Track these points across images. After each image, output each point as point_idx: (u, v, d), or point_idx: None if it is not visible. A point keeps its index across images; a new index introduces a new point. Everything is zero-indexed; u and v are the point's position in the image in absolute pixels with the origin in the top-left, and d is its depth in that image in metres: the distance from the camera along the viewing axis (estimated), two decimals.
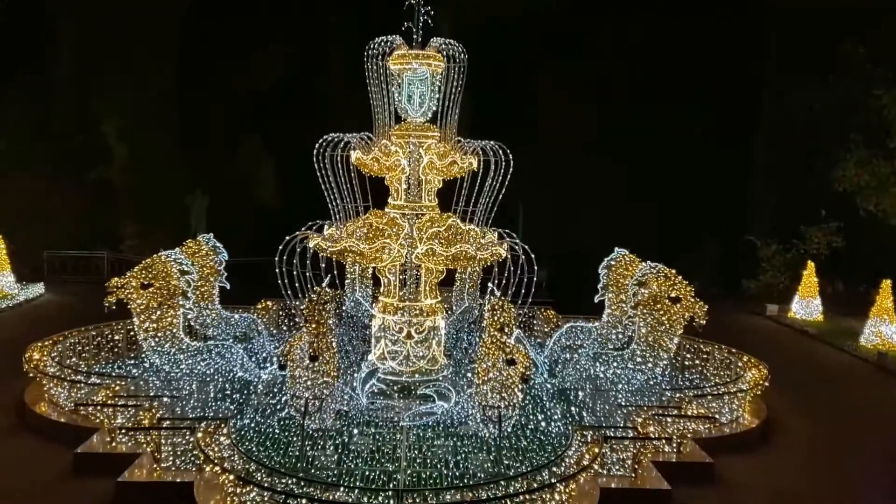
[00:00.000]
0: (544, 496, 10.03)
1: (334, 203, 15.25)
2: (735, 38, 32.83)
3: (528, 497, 9.86)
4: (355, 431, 12.65)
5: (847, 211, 29.85)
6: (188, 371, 15.19)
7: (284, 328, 20.16)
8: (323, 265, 14.10)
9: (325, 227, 15.31)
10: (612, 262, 17.47)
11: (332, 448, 12.00)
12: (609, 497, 10.94)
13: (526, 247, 14.34)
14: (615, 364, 16.00)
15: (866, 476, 12.97)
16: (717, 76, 32.59)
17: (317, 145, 14.69)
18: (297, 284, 14.21)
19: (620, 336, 17.43)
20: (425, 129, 14.92)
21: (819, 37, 30.26)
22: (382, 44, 14.75)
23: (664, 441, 12.44)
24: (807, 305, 26.70)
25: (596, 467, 11.31)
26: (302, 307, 13.12)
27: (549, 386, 15.59)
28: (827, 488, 12.41)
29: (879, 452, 14.08)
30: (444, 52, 14.80)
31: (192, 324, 17.59)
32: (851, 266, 31.84)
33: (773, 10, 33.07)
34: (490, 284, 13.40)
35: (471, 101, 16.51)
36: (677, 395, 14.80)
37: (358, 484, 10.64)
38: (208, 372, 15.23)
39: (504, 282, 14.33)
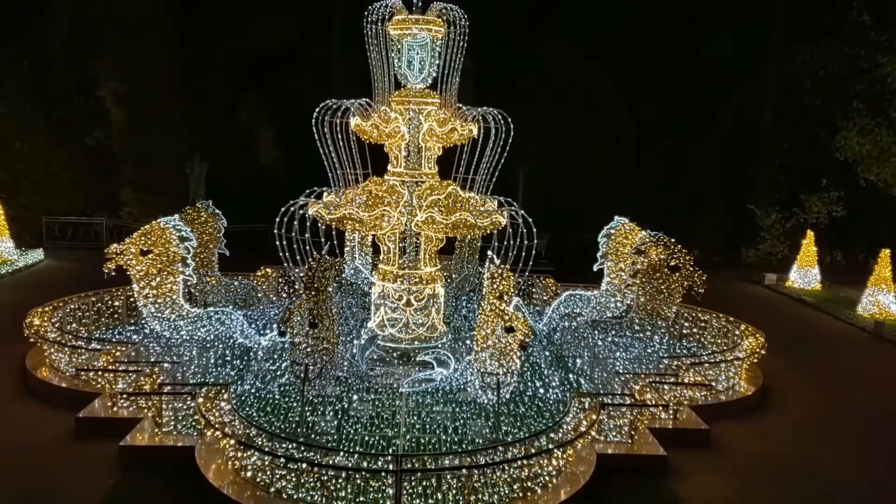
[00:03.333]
0: (542, 462, 10.15)
1: (334, 170, 15.17)
2: (740, 3, 32.37)
3: (525, 462, 9.97)
4: (355, 397, 12.75)
5: (848, 180, 29.77)
6: (188, 337, 15.26)
7: (284, 295, 20.21)
8: (322, 233, 14.07)
9: (325, 194, 15.25)
10: (612, 231, 17.43)
11: (331, 414, 12.10)
12: (606, 462, 11.07)
13: (525, 214, 14.31)
14: (613, 332, 16.08)
15: (861, 442, 13.11)
16: (721, 42, 32.24)
17: (316, 111, 14.55)
18: (296, 252, 14.20)
19: (619, 304, 17.48)
20: (425, 95, 14.78)
21: (825, 3, 29.89)
22: (382, 8, 14.54)
23: (661, 408, 12.55)
24: (805, 275, 26.75)
25: (593, 433, 11.43)
26: (301, 274, 13.13)
27: (547, 353, 15.68)
28: (822, 454, 12.56)
29: (875, 419, 14.22)
30: (445, 18, 14.59)
31: (192, 291, 17.63)
32: (851, 235, 31.86)
33: None
34: (490, 252, 13.39)
35: (472, 59, 16.31)
36: (675, 362, 14.88)
37: (357, 449, 10.75)
38: (208, 338, 15.31)
39: (503, 250, 14.33)
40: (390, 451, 10.81)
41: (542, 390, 13.42)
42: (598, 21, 33.11)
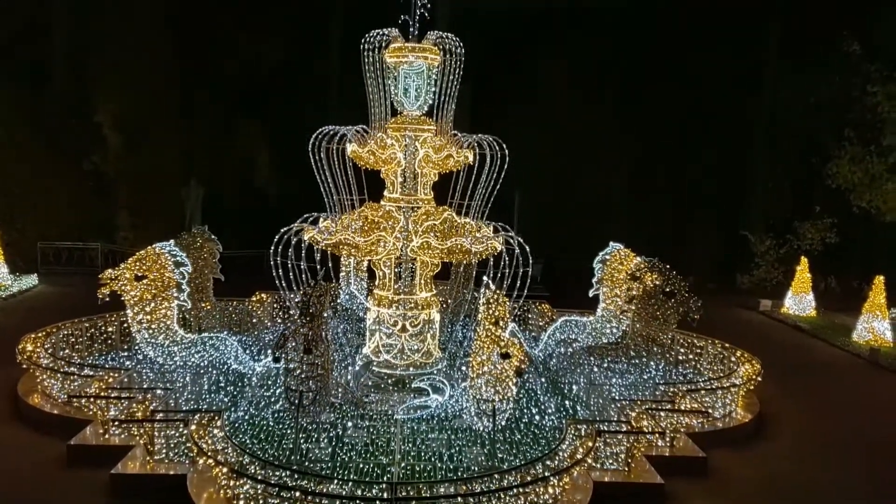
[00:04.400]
0: (538, 489, 10.07)
1: (330, 195, 15.21)
2: (732, 32, 32.82)
3: (521, 490, 9.88)
4: (349, 424, 12.65)
5: (841, 207, 29.96)
6: (182, 363, 15.16)
7: (279, 321, 20.12)
8: (318, 258, 14.06)
9: (321, 219, 15.28)
10: (607, 257, 17.43)
11: (326, 441, 12.00)
12: (602, 491, 10.98)
13: (521, 240, 14.35)
14: (609, 358, 16.05)
15: (858, 470, 13.05)
16: (713, 70, 32.60)
17: (312, 138, 14.63)
18: (291, 277, 14.18)
19: (615, 330, 17.44)
20: (421, 122, 14.89)
21: (815, 33, 30.34)
22: (379, 36, 14.68)
23: (657, 435, 12.48)
24: (800, 301, 26.79)
25: (589, 461, 11.35)
26: (297, 300, 13.10)
27: (543, 380, 15.61)
28: (820, 481, 12.48)
29: (871, 447, 14.16)
30: (441, 46, 14.74)
31: (187, 316, 17.55)
32: (844, 262, 31.98)
33: (770, 6, 33.11)
34: (485, 278, 13.39)
35: (468, 92, 16.46)
36: (671, 389, 14.83)
37: (352, 477, 10.66)
38: (202, 364, 15.21)
39: (499, 275, 14.34)
40: (385, 478, 10.72)
41: (538, 417, 13.36)
42: (593, 48, 33.48)
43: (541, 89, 34.24)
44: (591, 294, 17.77)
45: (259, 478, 9.83)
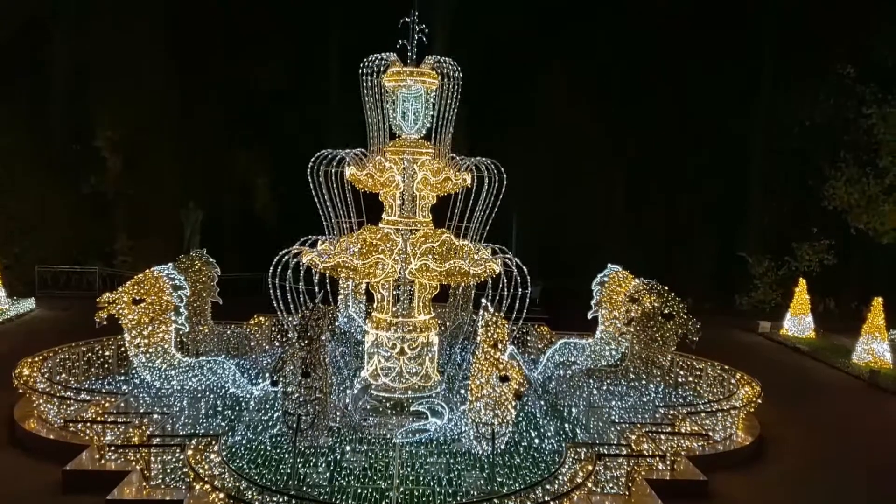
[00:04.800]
0: None
1: (328, 218, 15.24)
2: (728, 55, 33.14)
3: None
4: (348, 448, 12.57)
5: (838, 228, 30.06)
6: (179, 387, 15.08)
7: (277, 344, 20.05)
8: (316, 280, 14.06)
9: (319, 242, 15.29)
10: (606, 279, 17.47)
11: (324, 465, 11.91)
12: None
13: (519, 262, 14.36)
14: (609, 380, 16.00)
15: (859, 493, 12.95)
16: (710, 93, 32.86)
17: (311, 161, 14.70)
18: (290, 300, 14.16)
19: (614, 352, 17.41)
20: (419, 145, 14.97)
21: (810, 56, 30.66)
22: (377, 60, 14.80)
23: (658, 458, 12.40)
24: (799, 322, 26.76)
25: (590, 485, 11.26)
26: (295, 323, 13.07)
27: (542, 403, 15.54)
28: None
29: (872, 470, 14.07)
30: (439, 70, 14.87)
31: (185, 340, 17.49)
32: (842, 283, 32.01)
33: (766, 29, 33.50)
34: (484, 300, 13.38)
35: (465, 114, 16.59)
36: (671, 412, 14.76)
37: (350, 502, 10.57)
38: (200, 388, 15.13)
39: (497, 298, 14.33)
40: (384, 503, 10.61)
41: (537, 440, 13.27)
42: (590, 73, 33.79)
43: (538, 112, 34.48)
44: (589, 316, 17.77)
45: (257, 503, 9.73)
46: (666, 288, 16.07)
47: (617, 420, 14.41)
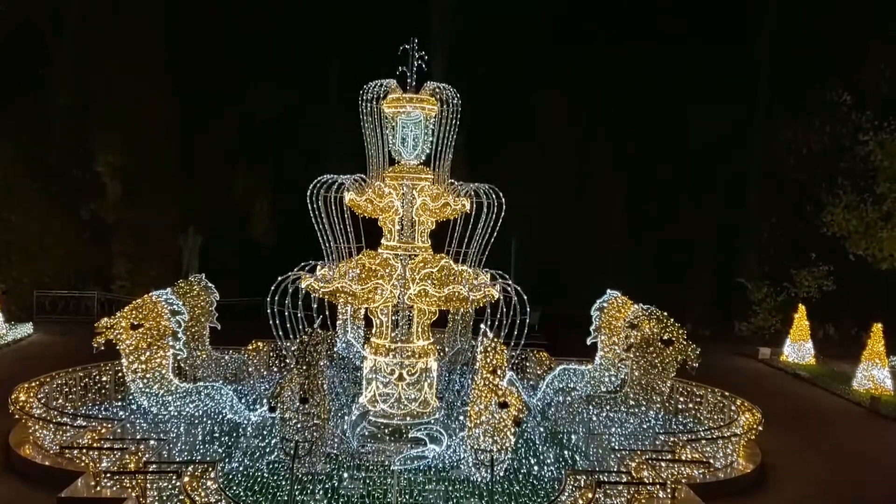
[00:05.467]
0: None
1: (327, 244, 15.27)
2: (725, 82, 33.44)
3: None
4: (345, 475, 12.46)
5: (837, 254, 30.09)
6: (176, 413, 14.99)
7: (275, 370, 19.98)
8: (315, 306, 14.04)
9: (318, 267, 15.31)
10: (605, 305, 17.47)
11: (321, 493, 11.80)
12: None
13: (518, 288, 14.35)
14: (608, 407, 15.91)
15: None
16: (707, 120, 33.09)
17: (310, 186, 14.77)
18: (288, 325, 14.14)
19: (613, 379, 17.35)
20: (419, 171, 15.06)
21: (806, 84, 30.94)
22: (377, 87, 14.96)
23: (658, 486, 12.28)
24: (798, 348, 26.69)
25: None
26: (293, 348, 13.04)
27: (541, 429, 15.44)
28: None
29: (873, 497, 13.95)
30: (438, 96, 15.01)
31: (182, 365, 17.42)
32: (842, 309, 31.97)
33: (762, 58, 33.86)
34: (483, 326, 13.36)
35: (464, 140, 16.71)
36: (671, 439, 14.66)
37: None
38: (197, 414, 15.04)
39: (497, 323, 14.31)
40: None
41: (536, 467, 13.17)
42: (588, 99, 34.04)
43: (537, 138, 34.68)
44: (588, 342, 17.75)
45: None
46: (665, 314, 16.05)
47: (617, 447, 14.30)
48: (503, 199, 14.85)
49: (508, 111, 34.56)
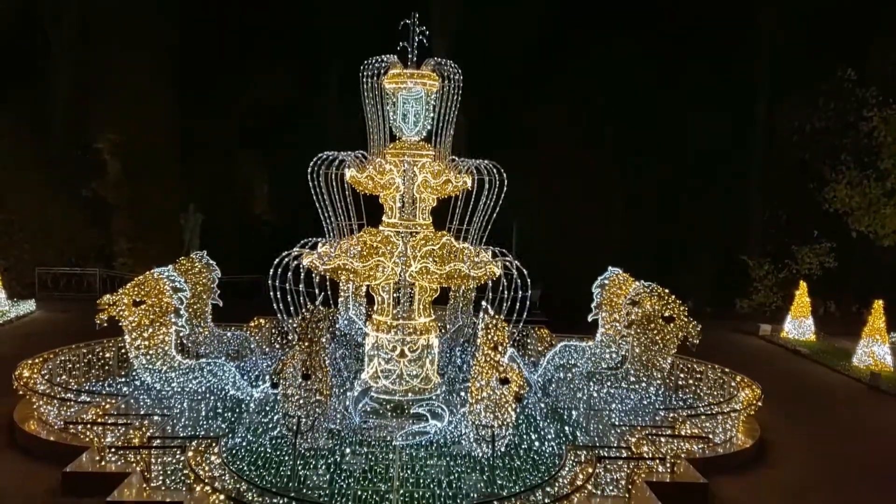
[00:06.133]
0: None
1: (328, 221, 15.25)
2: (729, 59, 33.16)
3: None
4: (348, 451, 12.56)
5: (839, 231, 30.06)
6: (179, 389, 15.08)
7: (277, 346, 20.06)
8: (316, 283, 14.06)
9: (319, 244, 15.30)
10: (606, 282, 17.47)
11: (324, 467, 11.91)
12: None
13: (520, 265, 14.35)
14: (609, 383, 15.98)
15: (859, 496, 12.93)
16: (711, 97, 32.88)
17: (311, 163, 14.71)
18: (290, 302, 14.16)
19: (614, 355, 17.41)
20: (420, 147, 14.98)
21: (811, 60, 30.68)
22: (378, 63, 14.83)
23: (658, 461, 12.39)
24: (799, 325, 26.74)
25: (590, 487, 11.23)
26: (295, 325, 13.08)
27: (542, 405, 15.54)
28: None
29: (872, 473, 14.05)
30: (439, 72, 14.89)
31: (185, 341, 17.49)
32: (843, 286, 32.01)
33: (767, 33, 33.51)
34: (484, 303, 13.38)
35: (466, 117, 16.62)
36: (671, 414, 14.75)
37: None
38: (200, 390, 15.14)
39: (498, 300, 14.33)
40: None
41: (537, 443, 13.26)
42: (591, 77, 33.77)
43: (538, 117, 34.46)
44: (590, 319, 17.79)
45: None
46: (666, 291, 16.06)
47: (617, 423, 14.40)
48: (505, 176, 14.80)
49: (510, 89, 34.32)
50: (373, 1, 31.39)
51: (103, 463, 12.00)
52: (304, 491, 11.05)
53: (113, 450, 11.92)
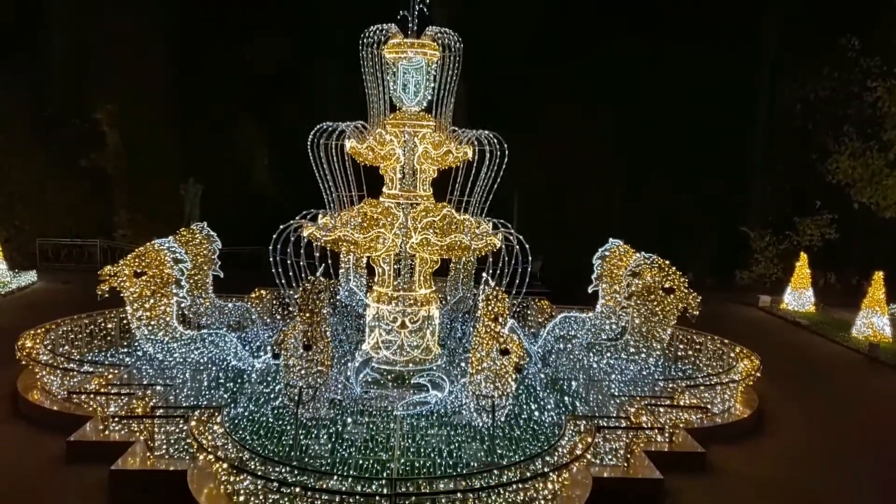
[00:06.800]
0: (537, 485, 10.07)
1: (329, 192, 15.19)
2: (732, 29, 32.76)
3: (521, 486, 9.89)
4: (349, 420, 12.66)
5: (841, 203, 29.97)
6: (181, 360, 15.16)
7: (278, 317, 20.13)
8: (317, 254, 14.06)
9: (320, 216, 15.27)
10: (607, 253, 17.47)
11: (325, 437, 12.01)
12: (602, 486, 10.98)
13: (520, 237, 14.34)
14: (609, 354, 16.06)
15: (857, 465, 13.06)
16: (713, 68, 32.55)
17: (311, 134, 14.61)
18: (291, 274, 14.17)
19: (614, 326, 17.47)
20: (420, 118, 14.86)
21: (815, 30, 30.30)
22: (377, 32, 14.65)
23: (656, 431, 12.49)
24: (799, 296, 26.81)
25: (589, 457, 11.33)
26: (296, 296, 13.11)
27: (542, 376, 15.63)
28: (818, 477, 12.50)
29: (870, 442, 14.18)
30: (440, 41, 14.72)
31: (186, 312, 17.55)
32: (844, 258, 32.00)
33: (770, 3, 33.07)
34: (484, 274, 13.39)
35: (466, 89, 16.47)
36: (670, 385, 14.84)
37: (351, 473, 10.67)
38: (202, 361, 15.22)
39: (498, 272, 14.34)
40: (385, 474, 10.73)
41: (537, 413, 13.36)
42: (592, 45, 33.41)
43: (540, 85, 34.15)
44: (590, 290, 17.81)
45: (259, 474, 9.83)
46: (667, 262, 16.06)
47: (616, 393, 14.49)
48: (506, 147, 14.71)
49: (511, 58, 33.94)
50: None
51: (107, 432, 12.12)
52: (306, 460, 11.16)
53: (116, 419, 12.03)
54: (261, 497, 9.77)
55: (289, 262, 14.16)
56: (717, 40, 32.44)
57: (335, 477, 9.76)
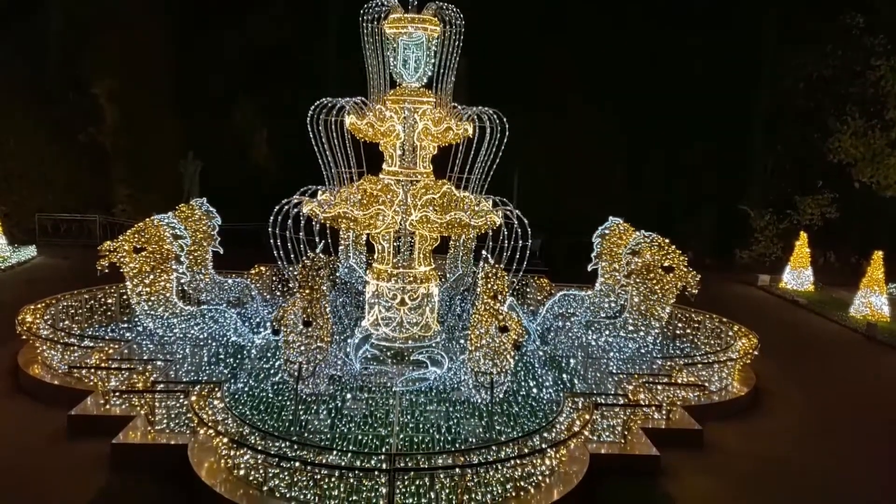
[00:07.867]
0: (535, 461, 10.16)
1: (328, 168, 15.14)
2: (735, 6, 32.44)
3: (519, 462, 9.97)
4: (349, 396, 12.74)
5: (841, 182, 29.91)
6: (182, 335, 15.21)
7: (278, 293, 20.17)
8: (317, 231, 14.04)
9: (319, 192, 15.22)
10: (606, 231, 17.46)
11: (325, 412, 12.09)
12: (599, 462, 11.08)
13: (520, 214, 14.31)
14: (607, 332, 16.11)
15: (853, 443, 13.17)
16: (715, 45, 32.29)
17: (311, 110, 14.51)
18: (290, 250, 14.16)
19: (613, 305, 17.51)
20: (420, 94, 14.76)
21: (818, 7, 30.01)
22: (378, 7, 14.50)
23: (654, 408, 12.57)
24: (798, 276, 26.85)
25: (586, 433, 11.42)
26: (295, 273, 13.11)
27: (541, 353, 15.69)
28: (814, 455, 12.61)
29: (867, 420, 14.28)
30: (441, 17, 14.57)
31: (186, 288, 17.57)
32: (844, 237, 32.01)
33: None
34: (484, 252, 13.39)
35: (467, 65, 16.33)
36: (668, 363, 14.90)
37: (351, 448, 10.75)
38: (202, 336, 15.27)
39: (498, 250, 14.33)
40: (384, 449, 10.81)
41: (535, 390, 13.43)
42: (592, 22, 33.12)
43: (540, 64, 33.89)
44: (589, 268, 17.82)
45: (259, 448, 9.91)
46: (667, 241, 16.04)
47: (614, 371, 14.55)
48: (506, 124, 14.62)
49: (514, 38, 33.65)
50: None
51: (108, 406, 12.19)
52: (306, 435, 11.24)
53: (117, 393, 12.09)
54: (261, 471, 9.86)
55: (288, 238, 14.15)
56: (719, 18, 32.14)
57: (334, 452, 9.83)
